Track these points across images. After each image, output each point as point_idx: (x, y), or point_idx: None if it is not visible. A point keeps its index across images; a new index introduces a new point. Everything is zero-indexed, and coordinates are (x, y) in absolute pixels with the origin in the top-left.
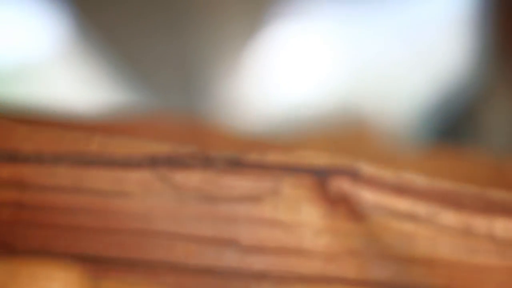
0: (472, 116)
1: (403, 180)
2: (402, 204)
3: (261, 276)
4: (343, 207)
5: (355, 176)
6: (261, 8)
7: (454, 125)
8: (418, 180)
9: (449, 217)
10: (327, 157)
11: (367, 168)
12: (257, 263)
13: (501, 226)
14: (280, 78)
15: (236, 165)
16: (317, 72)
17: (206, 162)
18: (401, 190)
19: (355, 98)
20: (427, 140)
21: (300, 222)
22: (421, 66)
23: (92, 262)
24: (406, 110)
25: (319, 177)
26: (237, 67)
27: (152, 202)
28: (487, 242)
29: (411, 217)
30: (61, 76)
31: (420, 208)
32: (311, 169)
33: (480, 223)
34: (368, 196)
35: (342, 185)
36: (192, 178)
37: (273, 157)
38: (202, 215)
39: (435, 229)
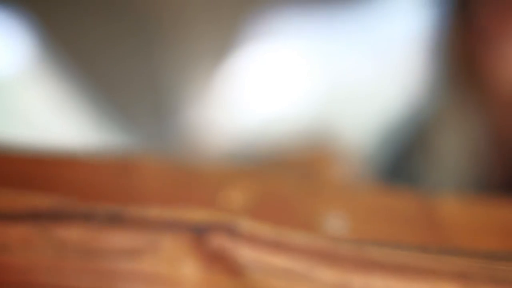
0: (425, 140)
1: (281, 236)
2: (280, 260)
3: None
4: (221, 263)
5: (233, 232)
6: (231, 31)
7: (407, 150)
8: (296, 236)
9: (326, 274)
10: (206, 213)
11: (245, 224)
12: None
13: (378, 283)
14: (250, 99)
15: (117, 219)
16: (287, 92)
17: (87, 216)
18: (279, 246)
19: (320, 119)
20: (378, 167)
21: (179, 277)
22: (379, 89)
23: None
24: (364, 133)
25: (198, 233)
26: (207, 90)
27: (33, 256)
28: None
29: (289, 274)
30: (26, 95)
31: (298, 264)
32: (190, 225)
33: (357, 279)
34: (246, 252)
35: (220, 241)
36: (73, 232)
37: (153, 212)
38: (82, 269)
39: (312, 286)
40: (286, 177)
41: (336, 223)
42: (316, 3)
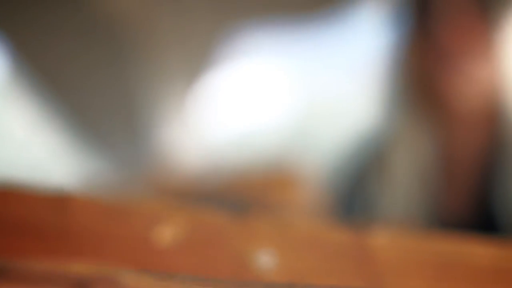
0: (381, 161)
1: (165, 286)
2: None
3: None
4: None
5: (117, 285)
6: (205, 51)
7: (364, 170)
8: (181, 285)
9: None
10: (90, 266)
11: (128, 277)
12: None
13: None
14: (221, 118)
15: (1, 272)
16: (259, 111)
17: None
18: None
19: (285, 139)
20: (336, 188)
21: None
22: (341, 109)
23: None
24: (325, 153)
25: (81, 287)
26: (181, 109)
27: None
28: None
29: None
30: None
31: None
32: (74, 279)
33: None
34: None
35: None
36: None
37: (38, 266)
38: None
39: None
40: (221, 212)
41: (265, 260)
42: (286, 23)
